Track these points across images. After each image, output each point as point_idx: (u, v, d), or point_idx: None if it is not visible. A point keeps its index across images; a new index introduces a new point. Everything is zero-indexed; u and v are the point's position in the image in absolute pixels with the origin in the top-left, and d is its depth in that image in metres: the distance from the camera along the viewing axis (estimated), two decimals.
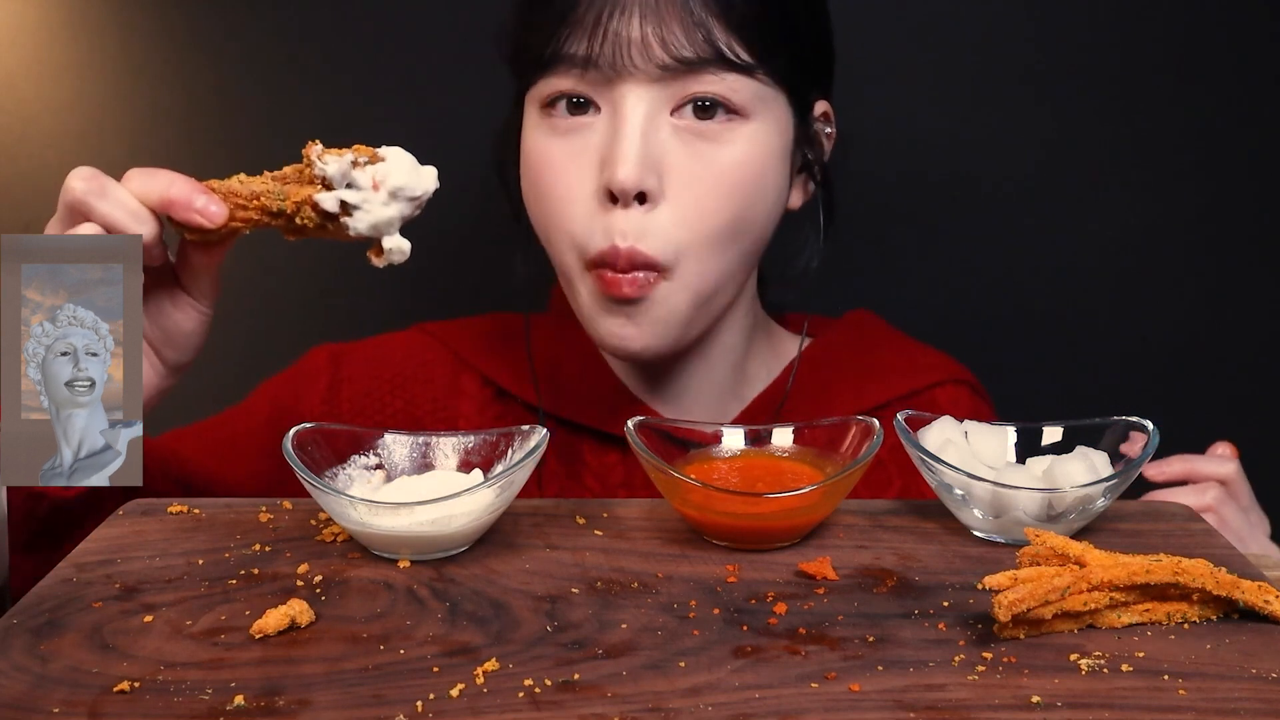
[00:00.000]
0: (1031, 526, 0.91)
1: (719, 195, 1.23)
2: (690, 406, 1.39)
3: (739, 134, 1.24)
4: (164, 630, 0.83)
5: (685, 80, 1.21)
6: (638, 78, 1.21)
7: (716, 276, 1.26)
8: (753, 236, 1.28)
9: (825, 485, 0.96)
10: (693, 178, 1.22)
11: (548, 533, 0.99)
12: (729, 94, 1.22)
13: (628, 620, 0.85)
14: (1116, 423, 1.04)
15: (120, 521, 1.01)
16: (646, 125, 1.22)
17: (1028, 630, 0.83)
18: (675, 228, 1.22)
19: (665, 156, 1.22)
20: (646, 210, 1.22)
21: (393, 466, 1.03)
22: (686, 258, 1.23)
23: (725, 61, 1.21)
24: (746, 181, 1.24)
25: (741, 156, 1.24)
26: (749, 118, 1.24)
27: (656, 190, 1.22)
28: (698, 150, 1.23)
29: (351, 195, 1.03)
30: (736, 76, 1.22)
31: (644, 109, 1.22)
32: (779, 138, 1.27)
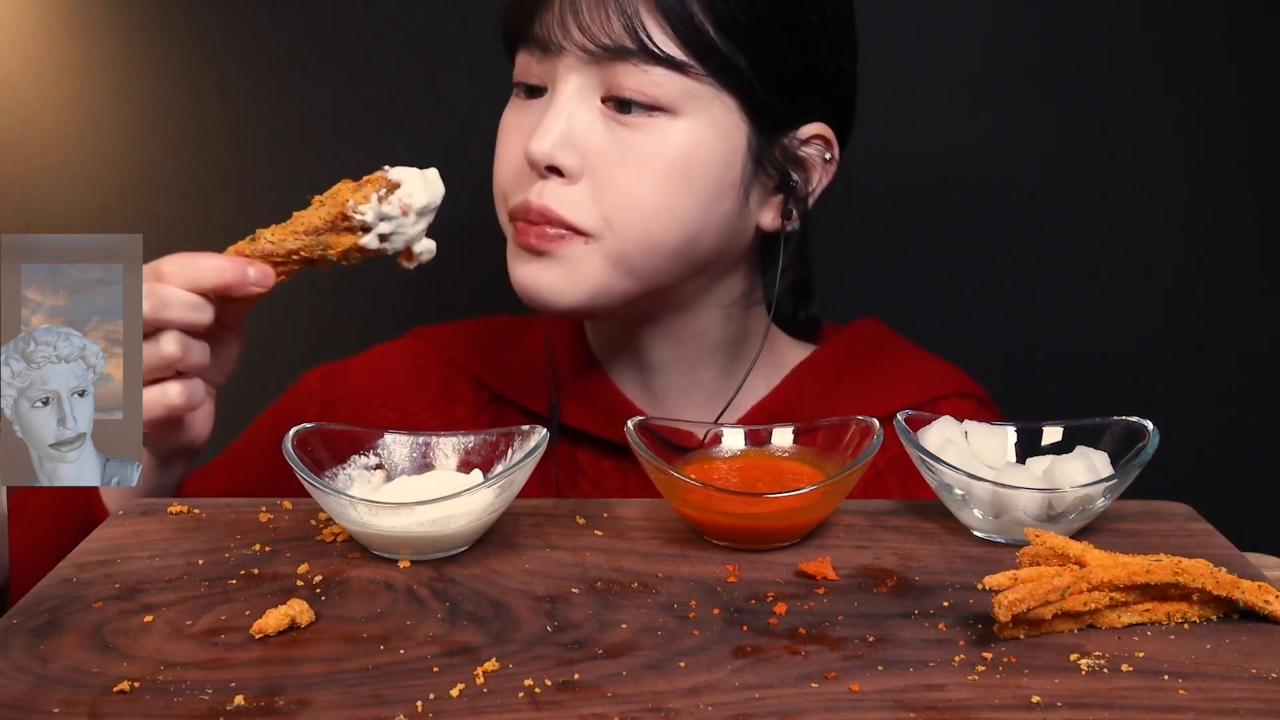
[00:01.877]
0: (1031, 526, 0.91)
1: (642, 180, 1.24)
2: (685, 413, 1.39)
3: (665, 128, 1.24)
4: (164, 630, 0.83)
5: (613, 68, 1.23)
6: (571, 60, 1.24)
7: (640, 254, 1.25)
8: (685, 235, 1.26)
9: (825, 485, 0.96)
10: (613, 162, 1.24)
11: (548, 533, 0.99)
12: (650, 88, 1.22)
13: (628, 620, 0.85)
14: (1116, 423, 1.04)
15: (120, 521, 1.01)
16: (573, 105, 1.24)
17: (1028, 630, 0.83)
18: (594, 203, 1.24)
19: (587, 139, 1.24)
20: (564, 184, 1.24)
21: (393, 466, 1.03)
22: (611, 228, 1.24)
23: (647, 53, 1.22)
24: (672, 173, 1.24)
25: (666, 148, 1.24)
26: (678, 114, 1.24)
27: (574, 168, 1.24)
28: (620, 137, 1.24)
29: (386, 226, 1.11)
30: (662, 71, 1.22)
31: (572, 89, 1.25)
32: (718, 142, 1.26)
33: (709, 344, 1.37)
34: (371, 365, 1.46)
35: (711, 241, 1.29)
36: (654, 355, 1.37)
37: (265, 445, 1.41)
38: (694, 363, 1.38)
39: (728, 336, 1.38)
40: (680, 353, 1.37)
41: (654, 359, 1.38)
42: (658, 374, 1.38)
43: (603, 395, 1.39)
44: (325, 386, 1.44)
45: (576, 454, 1.38)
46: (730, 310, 1.37)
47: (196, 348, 1.10)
